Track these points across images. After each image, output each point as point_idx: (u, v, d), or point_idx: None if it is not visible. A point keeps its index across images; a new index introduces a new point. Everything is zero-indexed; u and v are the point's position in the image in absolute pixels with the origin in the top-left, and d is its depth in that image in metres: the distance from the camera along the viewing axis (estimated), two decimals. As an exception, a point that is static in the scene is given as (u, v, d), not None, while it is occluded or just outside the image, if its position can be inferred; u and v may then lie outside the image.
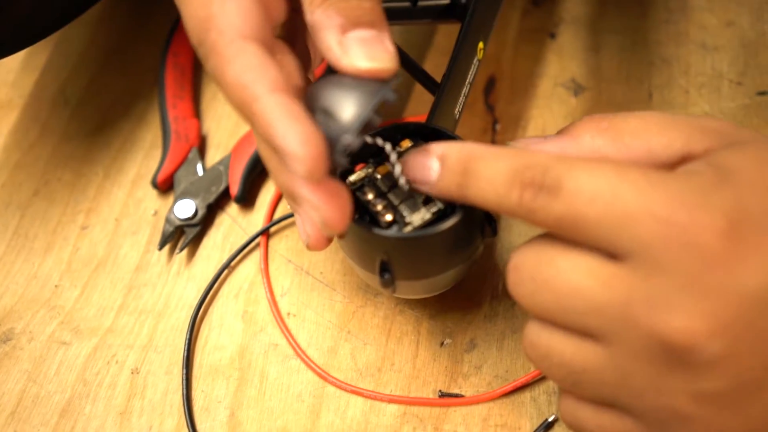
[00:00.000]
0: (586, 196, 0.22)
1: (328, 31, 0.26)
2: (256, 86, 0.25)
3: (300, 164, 0.24)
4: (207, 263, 0.38)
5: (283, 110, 0.24)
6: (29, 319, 0.37)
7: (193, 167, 0.41)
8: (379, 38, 0.27)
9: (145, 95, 0.45)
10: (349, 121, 0.25)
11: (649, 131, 0.25)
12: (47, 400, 0.34)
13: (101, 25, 0.49)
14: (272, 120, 0.24)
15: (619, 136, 0.25)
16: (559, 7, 0.47)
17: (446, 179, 0.26)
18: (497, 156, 0.25)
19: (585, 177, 0.23)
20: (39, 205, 0.41)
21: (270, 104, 0.24)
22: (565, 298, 0.23)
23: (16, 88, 0.46)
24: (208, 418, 0.33)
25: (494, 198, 0.24)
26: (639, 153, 0.25)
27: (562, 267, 0.23)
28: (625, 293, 0.22)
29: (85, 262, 0.39)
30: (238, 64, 0.25)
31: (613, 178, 0.22)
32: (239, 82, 0.25)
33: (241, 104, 0.25)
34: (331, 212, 0.26)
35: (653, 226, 0.22)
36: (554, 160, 0.24)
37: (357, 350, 0.35)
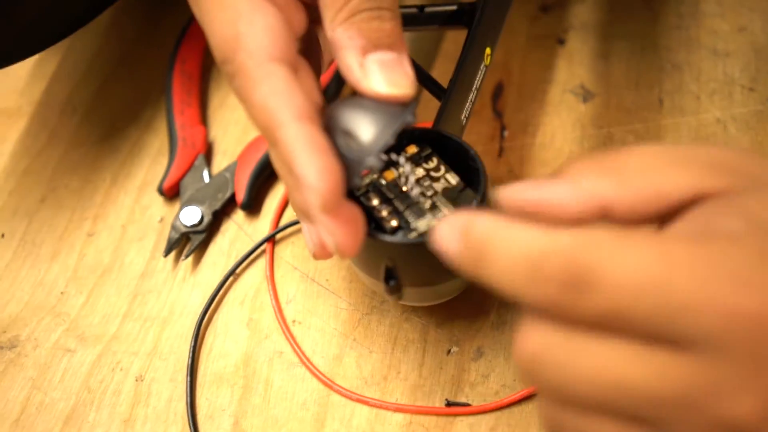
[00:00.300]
0: (629, 290, 0.19)
1: (349, 51, 0.26)
2: (281, 113, 0.25)
3: (316, 196, 0.24)
4: (212, 270, 0.38)
5: (306, 140, 0.24)
6: (34, 326, 0.37)
7: (200, 174, 0.41)
8: (399, 61, 0.26)
9: (153, 103, 0.45)
10: (371, 145, 0.26)
11: (656, 169, 0.22)
12: (51, 407, 0.34)
13: (110, 34, 0.49)
14: (294, 149, 0.24)
15: (624, 176, 0.22)
16: (567, 13, 0.47)
17: (464, 258, 0.23)
18: (510, 241, 0.21)
19: (621, 265, 0.19)
20: (46, 212, 0.41)
21: (293, 133, 0.24)
22: (609, 391, 0.20)
23: (25, 96, 0.47)
24: (212, 427, 0.33)
25: (515, 292, 0.21)
26: (647, 195, 0.22)
27: (601, 356, 0.20)
28: (686, 383, 0.19)
29: (91, 269, 0.39)
30: (265, 87, 0.25)
31: (655, 262, 0.19)
32: (265, 106, 0.25)
33: (265, 128, 0.25)
34: (344, 238, 0.26)
35: (716, 315, 0.19)
36: (576, 245, 0.20)
37: (362, 358, 0.34)
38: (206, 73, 0.46)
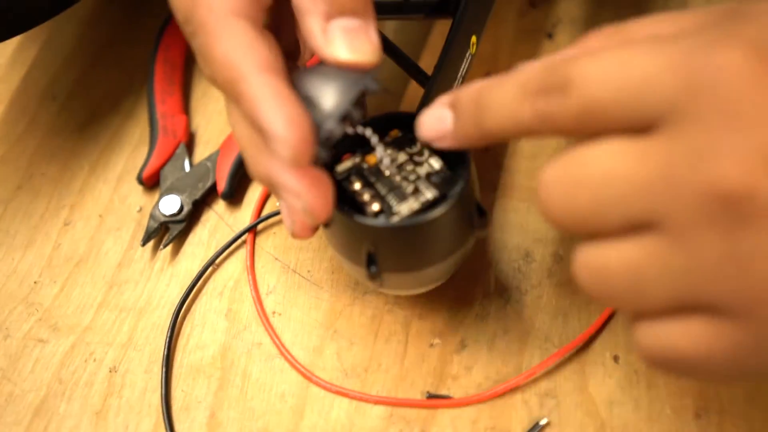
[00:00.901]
0: (596, 78, 0.21)
1: (312, 17, 0.26)
2: (244, 65, 0.24)
3: (285, 147, 0.23)
4: (191, 260, 0.37)
5: (271, 91, 0.24)
6: (6, 315, 0.36)
7: (181, 163, 0.40)
8: (363, 28, 0.26)
9: (135, 91, 0.45)
10: (330, 110, 0.25)
11: (658, 24, 0.23)
12: (21, 398, 0.33)
13: (92, 22, 0.48)
14: (259, 100, 0.23)
15: (628, 34, 0.23)
16: (556, 8, 0.46)
17: (461, 121, 0.25)
18: (503, 79, 0.23)
19: (590, 63, 0.21)
20: (22, 200, 0.40)
21: (258, 84, 0.24)
22: (602, 190, 0.21)
23: (4, 83, 0.46)
24: (187, 419, 0.32)
25: (511, 119, 0.23)
26: None
27: (590, 160, 0.21)
28: (663, 160, 0.20)
29: (66, 259, 0.38)
30: (226, 41, 0.24)
31: (617, 52, 0.21)
32: (227, 59, 0.24)
33: (228, 83, 0.24)
34: (313, 200, 0.25)
35: (673, 79, 0.20)
36: (556, 61, 0.22)
37: (343, 350, 0.34)
38: (190, 62, 0.45)
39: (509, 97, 0.23)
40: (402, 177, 0.28)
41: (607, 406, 0.31)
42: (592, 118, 0.21)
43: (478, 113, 0.24)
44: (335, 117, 0.25)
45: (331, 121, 0.25)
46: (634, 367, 0.32)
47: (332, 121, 0.25)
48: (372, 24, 0.26)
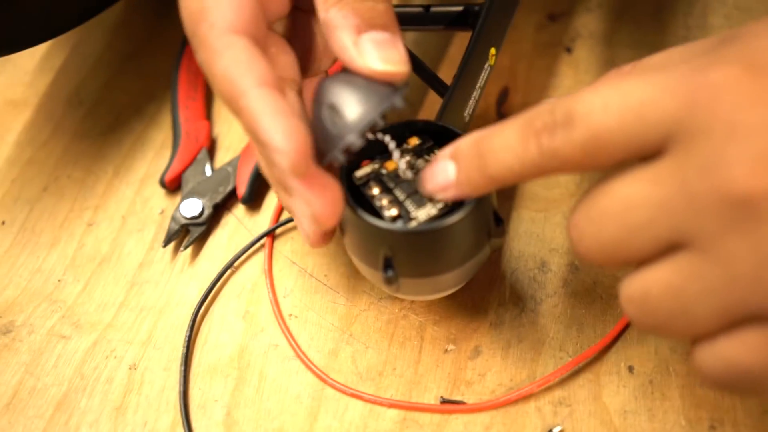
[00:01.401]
0: (598, 108, 0.22)
1: (343, 30, 0.26)
2: (242, 81, 0.25)
3: (284, 158, 0.24)
4: (211, 262, 0.38)
5: (268, 105, 0.24)
6: (30, 312, 0.37)
7: (202, 167, 0.41)
8: (392, 41, 0.27)
9: (159, 97, 0.46)
10: (354, 122, 0.25)
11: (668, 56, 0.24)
12: (43, 392, 0.34)
13: (118, 30, 0.49)
14: (257, 114, 0.24)
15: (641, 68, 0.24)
16: (575, 22, 0.47)
17: (465, 171, 0.25)
18: (503, 126, 0.24)
19: (590, 95, 0.22)
20: (48, 201, 0.41)
21: (255, 99, 0.24)
22: (626, 217, 0.22)
23: (31, 88, 0.47)
24: (204, 417, 0.33)
25: (516, 161, 0.23)
26: None
27: (611, 192, 0.22)
28: (677, 177, 0.21)
29: (89, 258, 0.39)
30: (226, 58, 0.25)
31: (616, 83, 0.22)
32: (226, 75, 0.25)
33: (228, 99, 0.25)
34: (320, 206, 0.25)
35: (673, 100, 0.21)
36: (557, 100, 0.23)
37: (358, 353, 0.34)
38: (213, 70, 0.46)
39: (513, 140, 0.24)
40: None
41: (621, 416, 0.31)
42: (598, 148, 0.22)
43: (481, 160, 0.25)
44: (359, 130, 0.25)
45: (354, 134, 0.25)
46: (648, 377, 0.32)
47: (355, 133, 0.25)
48: (399, 37, 0.27)
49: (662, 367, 0.32)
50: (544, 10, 0.47)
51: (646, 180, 0.22)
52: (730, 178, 0.20)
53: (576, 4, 0.48)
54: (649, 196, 0.21)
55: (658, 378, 0.32)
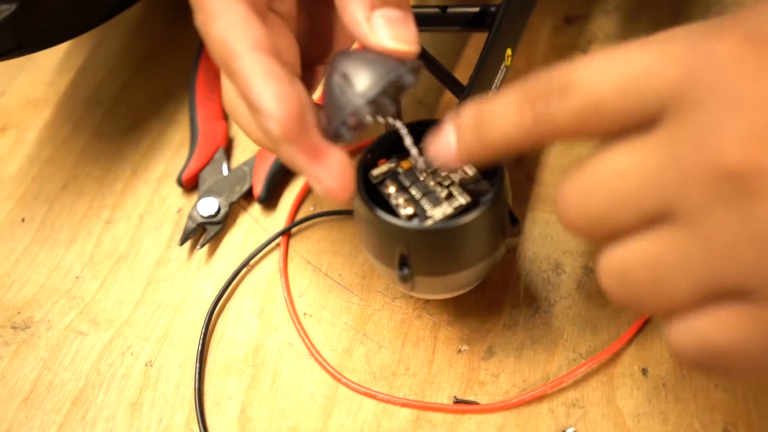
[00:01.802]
0: (596, 76, 0.21)
1: (356, 5, 0.26)
2: (237, 44, 0.25)
3: (275, 123, 0.24)
4: (227, 261, 0.38)
5: (262, 68, 0.24)
6: (49, 308, 0.37)
7: (219, 167, 0.41)
8: (404, 19, 0.27)
9: (177, 98, 0.46)
10: (364, 90, 0.26)
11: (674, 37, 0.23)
12: (61, 388, 0.34)
13: (138, 31, 0.50)
14: (250, 77, 0.24)
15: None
16: (592, 25, 0.47)
17: (465, 139, 0.25)
18: (502, 94, 0.24)
19: (589, 63, 0.22)
20: (66, 199, 0.42)
21: (249, 62, 0.24)
22: (615, 187, 0.21)
23: (52, 87, 0.48)
24: (218, 413, 0.33)
25: (514, 128, 0.23)
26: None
27: (601, 162, 0.22)
28: (670, 148, 0.20)
29: (107, 255, 0.39)
30: (222, 21, 0.25)
31: (615, 51, 0.22)
32: (222, 38, 0.25)
33: (222, 61, 0.25)
34: (329, 180, 0.25)
35: (672, 70, 0.20)
36: (555, 69, 0.23)
37: (372, 353, 0.34)
38: (230, 70, 0.47)
39: (510, 107, 0.23)
40: (436, 182, 0.29)
41: (634, 418, 0.31)
42: (593, 116, 0.22)
43: (480, 127, 0.24)
44: (366, 96, 0.25)
45: (361, 99, 0.25)
46: (662, 380, 0.32)
47: (362, 99, 0.25)
48: (411, 16, 0.27)
49: (676, 370, 0.32)
50: (560, 13, 0.47)
51: (637, 150, 0.21)
52: (723, 150, 0.19)
53: (592, 7, 0.48)
54: (638, 166, 0.21)
55: (672, 381, 0.32)
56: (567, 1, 0.48)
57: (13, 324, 0.37)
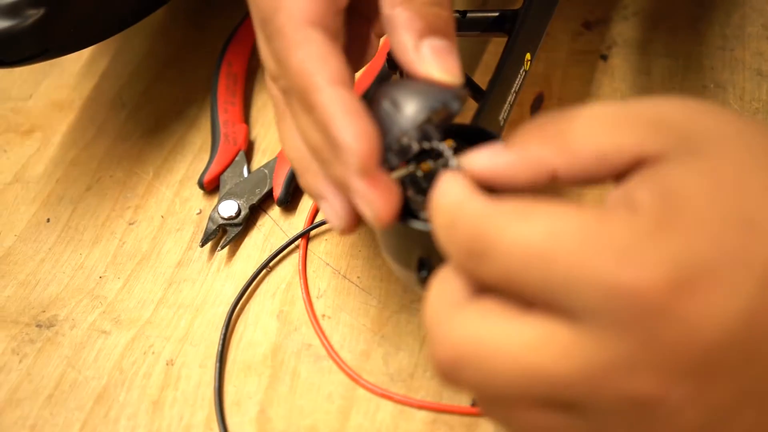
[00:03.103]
0: (518, 259, 0.20)
1: (406, 32, 0.27)
2: (318, 76, 0.25)
3: (354, 158, 0.24)
4: (246, 262, 0.39)
5: (343, 104, 0.25)
6: (73, 307, 0.38)
7: (240, 169, 0.42)
8: (450, 50, 0.27)
9: (198, 102, 0.47)
10: (412, 115, 0.26)
11: (597, 133, 0.22)
12: (84, 385, 0.35)
13: (160, 37, 0.51)
14: (332, 112, 0.25)
15: (566, 142, 0.22)
16: (611, 30, 0.47)
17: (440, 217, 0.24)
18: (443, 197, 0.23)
19: (511, 235, 0.20)
20: (90, 200, 0.42)
21: (330, 97, 0.25)
22: (525, 383, 0.21)
23: (76, 91, 0.48)
24: (238, 413, 0.33)
25: (443, 247, 0.23)
26: (590, 161, 0.22)
27: (513, 349, 0.21)
28: (584, 362, 0.20)
29: (129, 256, 0.40)
30: (303, 51, 0.25)
31: (542, 234, 0.20)
32: (303, 69, 0.25)
33: (301, 92, 0.26)
34: (382, 206, 0.26)
35: (596, 289, 0.19)
36: (482, 214, 0.21)
37: (390, 355, 0.34)
38: (251, 75, 0.47)
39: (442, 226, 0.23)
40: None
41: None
42: (513, 290, 0.21)
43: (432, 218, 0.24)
44: (415, 120, 0.26)
45: (409, 123, 0.26)
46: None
47: (410, 122, 0.26)
48: (456, 47, 0.27)
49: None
50: (579, 18, 0.48)
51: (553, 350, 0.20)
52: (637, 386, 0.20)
53: (612, 13, 0.48)
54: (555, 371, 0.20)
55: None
56: (586, 7, 0.48)
57: (38, 322, 0.37)
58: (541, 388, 0.21)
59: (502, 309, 0.21)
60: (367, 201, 0.26)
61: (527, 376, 0.20)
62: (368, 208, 0.26)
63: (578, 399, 0.20)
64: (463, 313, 0.22)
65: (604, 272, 0.19)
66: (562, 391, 0.20)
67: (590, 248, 0.20)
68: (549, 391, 0.21)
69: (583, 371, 0.20)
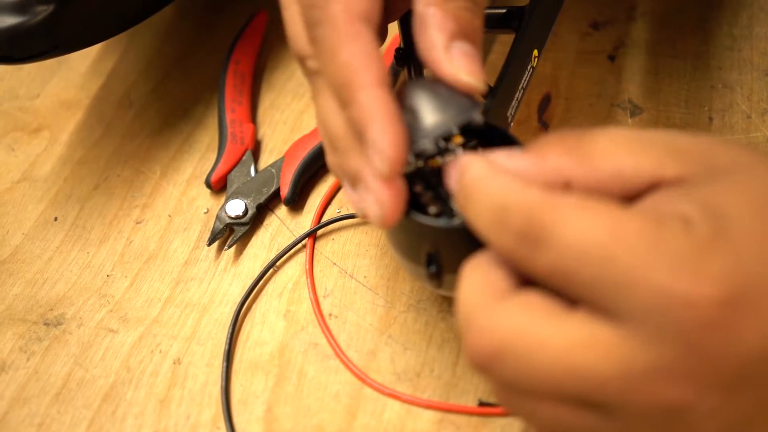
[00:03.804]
0: (575, 252, 0.21)
1: (438, 32, 0.26)
2: (365, 75, 0.25)
3: (384, 162, 0.25)
4: (253, 261, 0.39)
5: (385, 107, 0.25)
6: (80, 305, 0.38)
7: (247, 169, 0.42)
8: (478, 56, 0.27)
9: (206, 101, 0.47)
10: (432, 128, 0.26)
11: (617, 153, 0.23)
12: (91, 383, 0.35)
13: (167, 35, 0.51)
14: (373, 113, 0.25)
15: (587, 156, 0.23)
16: (619, 31, 0.47)
17: (458, 196, 0.25)
18: (491, 186, 0.23)
19: (574, 228, 0.21)
20: (98, 199, 0.43)
21: (374, 97, 0.25)
22: (562, 379, 0.21)
23: (84, 90, 0.49)
24: (245, 412, 0.33)
25: (484, 234, 0.23)
26: (606, 176, 0.23)
27: (556, 346, 0.21)
28: (625, 364, 0.21)
29: (136, 255, 0.40)
30: (354, 45, 0.25)
31: (606, 231, 0.21)
32: (351, 65, 0.25)
33: (344, 86, 0.26)
34: (391, 209, 0.26)
35: (651, 295, 0.20)
36: (542, 203, 0.22)
37: (396, 354, 0.34)
38: (259, 74, 0.47)
39: (487, 214, 0.23)
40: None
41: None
42: (561, 283, 0.21)
43: (466, 201, 0.24)
44: (434, 136, 0.26)
45: (429, 140, 0.26)
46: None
47: (430, 138, 0.26)
48: (481, 52, 0.27)
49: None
50: (587, 18, 0.47)
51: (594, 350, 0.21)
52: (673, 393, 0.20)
53: (620, 13, 0.48)
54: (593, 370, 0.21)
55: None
56: (594, 7, 0.48)
57: (45, 321, 0.38)
58: (577, 386, 0.21)
59: (547, 305, 0.22)
60: (379, 201, 0.26)
61: (566, 373, 0.21)
62: (377, 207, 0.26)
63: (611, 400, 0.21)
64: (506, 304, 0.22)
65: (662, 279, 0.20)
66: (598, 391, 0.21)
67: (650, 254, 0.20)
68: (584, 390, 0.21)
69: (623, 373, 0.20)
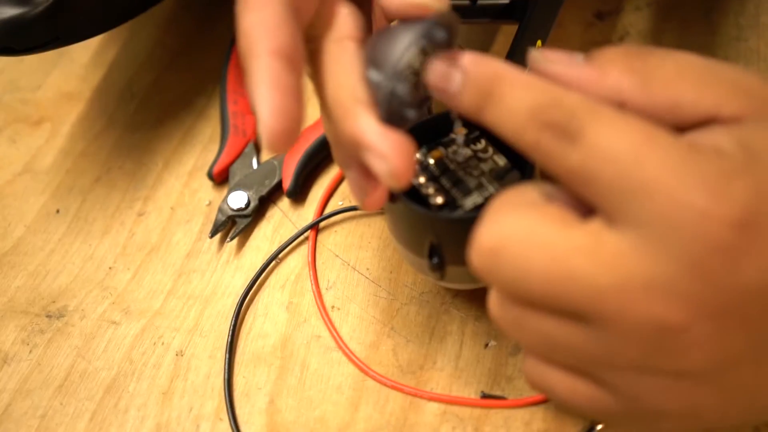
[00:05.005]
0: (606, 153, 0.21)
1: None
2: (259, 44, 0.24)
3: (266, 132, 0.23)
4: (256, 253, 0.39)
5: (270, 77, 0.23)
6: (83, 297, 0.38)
7: (249, 161, 0.42)
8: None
9: (208, 93, 0.47)
10: (395, 64, 0.25)
11: (681, 83, 0.22)
12: (94, 375, 0.35)
13: (169, 27, 0.51)
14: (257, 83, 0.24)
15: (649, 81, 0.22)
16: (623, 21, 0.47)
17: (466, 96, 0.24)
18: (525, 85, 0.22)
19: (610, 132, 0.21)
20: (100, 191, 0.42)
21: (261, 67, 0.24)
22: (558, 285, 0.21)
23: (85, 81, 0.48)
24: (247, 404, 0.33)
25: (511, 129, 0.22)
26: (664, 105, 0.22)
27: (559, 249, 0.21)
28: (625, 275, 0.20)
29: (139, 247, 0.40)
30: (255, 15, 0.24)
31: (639, 140, 0.21)
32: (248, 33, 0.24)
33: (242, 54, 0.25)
34: (396, 163, 0.24)
35: (669, 204, 0.20)
36: (583, 105, 0.21)
37: (399, 347, 0.34)
38: (260, 65, 0.47)
39: (522, 112, 0.22)
40: (466, 172, 0.29)
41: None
42: (581, 182, 0.21)
43: (484, 101, 0.23)
44: (399, 69, 0.25)
45: (399, 81, 0.25)
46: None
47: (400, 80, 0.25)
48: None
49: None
50: (592, 9, 0.47)
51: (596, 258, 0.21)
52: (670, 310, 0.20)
53: (624, 3, 0.47)
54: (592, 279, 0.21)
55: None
56: (598, -3, 0.48)
57: (48, 313, 0.38)
58: (570, 294, 0.21)
59: (562, 213, 0.22)
60: (384, 158, 0.25)
61: (562, 279, 0.21)
62: (383, 164, 0.25)
63: (604, 313, 0.21)
64: (523, 210, 0.22)
65: (682, 191, 0.20)
66: (591, 301, 0.21)
67: (677, 168, 0.20)
68: (577, 299, 0.21)
69: (621, 284, 0.20)
